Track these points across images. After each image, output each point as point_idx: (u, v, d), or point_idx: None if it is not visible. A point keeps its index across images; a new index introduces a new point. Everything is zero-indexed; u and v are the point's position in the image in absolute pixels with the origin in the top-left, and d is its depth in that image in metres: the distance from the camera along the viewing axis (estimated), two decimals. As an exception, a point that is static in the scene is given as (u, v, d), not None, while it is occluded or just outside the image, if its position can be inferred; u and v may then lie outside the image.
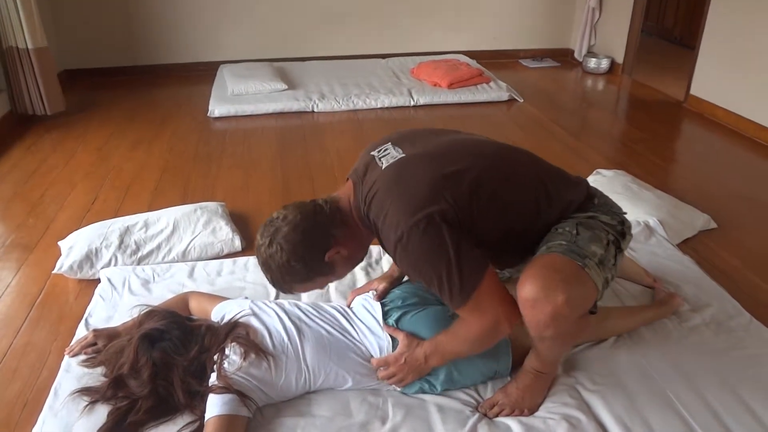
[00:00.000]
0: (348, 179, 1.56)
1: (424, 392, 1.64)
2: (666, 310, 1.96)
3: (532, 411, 1.58)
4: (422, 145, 1.51)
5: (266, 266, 1.46)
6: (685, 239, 2.55)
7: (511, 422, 1.55)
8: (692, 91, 4.43)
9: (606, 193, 2.54)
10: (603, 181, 2.88)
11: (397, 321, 1.64)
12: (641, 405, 1.59)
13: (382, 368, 1.59)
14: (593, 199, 1.57)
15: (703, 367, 1.73)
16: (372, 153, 1.53)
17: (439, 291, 1.38)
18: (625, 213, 1.61)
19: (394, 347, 1.59)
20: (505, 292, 1.41)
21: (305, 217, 1.44)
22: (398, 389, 1.64)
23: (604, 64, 5.40)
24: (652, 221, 2.54)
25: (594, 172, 3.03)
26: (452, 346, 1.51)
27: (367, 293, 1.78)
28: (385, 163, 1.46)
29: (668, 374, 1.70)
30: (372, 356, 1.61)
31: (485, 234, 1.43)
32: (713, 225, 2.66)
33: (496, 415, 1.57)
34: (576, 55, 5.77)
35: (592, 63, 5.44)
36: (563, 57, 5.96)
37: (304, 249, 1.42)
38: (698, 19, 4.41)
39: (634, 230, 2.45)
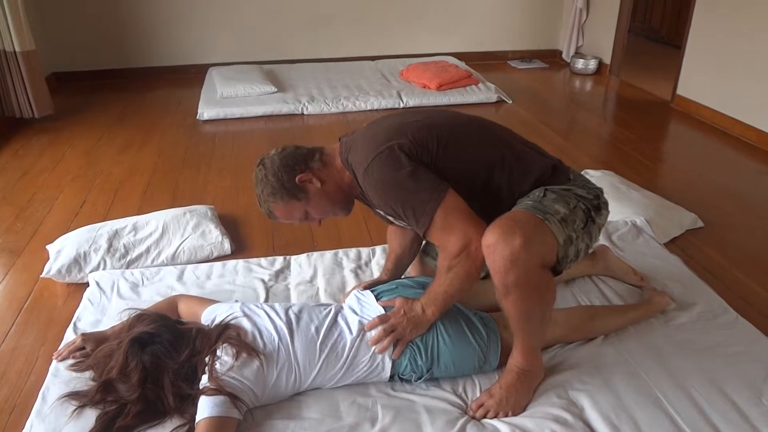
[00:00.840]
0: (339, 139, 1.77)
1: (413, 373, 1.64)
2: (654, 309, 1.97)
3: (516, 412, 1.58)
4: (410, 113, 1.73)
5: (255, 183, 1.69)
6: (673, 238, 2.58)
7: (498, 423, 1.55)
8: (679, 91, 4.47)
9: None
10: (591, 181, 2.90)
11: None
12: (628, 404, 1.60)
13: (379, 327, 1.60)
14: (568, 174, 1.66)
15: (690, 365, 1.74)
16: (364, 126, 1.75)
17: (405, 217, 1.53)
18: (602, 191, 1.68)
19: None
20: (472, 214, 1.51)
21: (288, 147, 1.70)
22: (389, 358, 1.62)
23: (592, 64, 5.43)
24: (640, 221, 2.56)
25: (582, 172, 3.05)
26: (441, 286, 1.56)
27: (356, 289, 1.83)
28: (373, 127, 1.69)
29: (655, 372, 1.71)
30: (362, 353, 1.62)
31: (444, 174, 1.54)
32: (700, 224, 2.69)
33: (483, 417, 1.58)
34: (564, 56, 5.81)
35: (579, 64, 5.48)
36: (551, 58, 5.99)
37: (281, 167, 1.64)
38: (684, 19, 4.45)
39: (622, 230, 2.48)
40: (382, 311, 1.66)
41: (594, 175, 2.97)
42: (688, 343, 1.84)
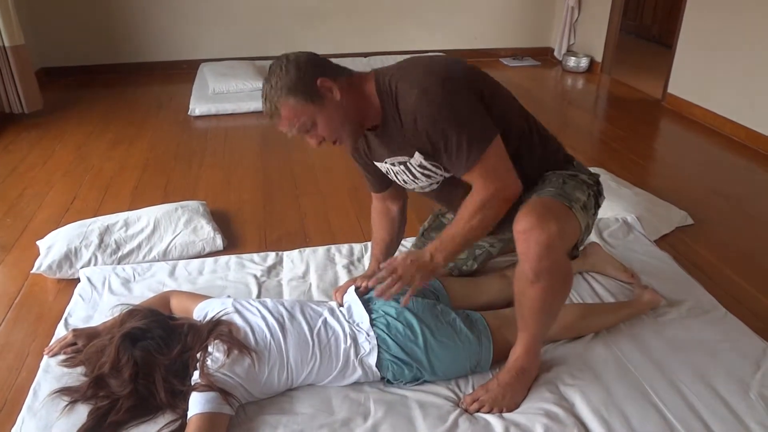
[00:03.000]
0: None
1: (395, 380, 1.65)
2: (644, 306, 1.98)
3: (510, 409, 1.59)
4: None
5: (269, 72, 1.51)
6: (663, 235, 2.59)
7: (490, 417, 1.56)
8: (670, 90, 4.50)
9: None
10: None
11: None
12: (619, 398, 1.61)
13: (383, 270, 1.53)
14: (572, 161, 1.73)
15: (679, 360, 1.76)
16: None
17: (454, 146, 1.46)
18: (598, 175, 1.76)
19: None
20: (510, 162, 1.52)
21: (321, 56, 1.56)
22: (374, 361, 1.61)
23: (584, 62, 5.45)
24: (630, 218, 2.58)
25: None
26: (462, 229, 1.52)
27: (350, 289, 1.80)
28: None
29: (645, 368, 1.73)
30: (357, 353, 1.62)
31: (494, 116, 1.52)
32: (690, 221, 2.71)
33: (476, 411, 1.58)
34: (556, 53, 5.83)
35: (571, 62, 5.50)
36: (543, 56, 6.01)
37: (307, 62, 1.50)
38: (676, 17, 4.48)
39: (613, 227, 2.50)
40: (369, 322, 1.65)
41: (585, 173, 2.98)
42: (678, 339, 1.85)
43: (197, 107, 4.22)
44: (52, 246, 2.29)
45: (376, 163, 1.73)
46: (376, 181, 1.83)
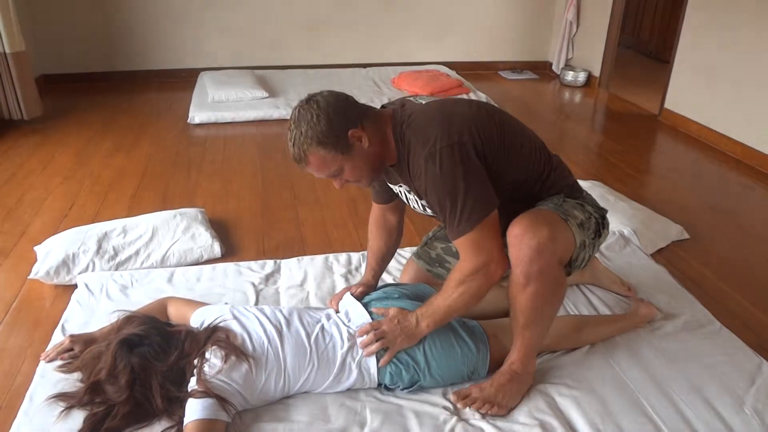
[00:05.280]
0: (383, 107, 1.68)
1: (398, 385, 1.65)
2: (640, 319, 1.99)
3: (502, 410, 1.60)
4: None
5: (296, 122, 1.52)
6: (659, 249, 2.61)
7: (486, 426, 1.57)
8: (667, 105, 4.53)
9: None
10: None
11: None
12: (614, 410, 1.62)
13: (372, 332, 1.61)
14: (582, 192, 1.77)
15: (674, 373, 1.77)
16: (407, 97, 1.70)
17: (449, 214, 1.49)
18: (607, 212, 1.79)
19: None
20: (500, 236, 1.54)
21: (342, 94, 1.57)
22: (375, 367, 1.63)
23: (581, 77, 5.49)
24: (627, 231, 2.60)
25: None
26: (443, 300, 1.56)
27: (346, 295, 1.82)
28: (424, 101, 1.64)
29: (640, 380, 1.74)
30: (354, 356, 1.63)
31: (496, 179, 1.54)
32: (686, 235, 2.72)
33: (467, 406, 1.60)
34: (554, 67, 5.87)
35: (569, 76, 5.54)
36: (541, 69, 6.05)
37: (335, 112, 1.50)
38: (673, 33, 4.52)
39: (610, 240, 2.52)
40: (370, 319, 1.67)
41: (583, 186, 2.99)
42: (673, 352, 1.86)
43: (197, 115, 4.23)
44: (49, 252, 2.29)
45: (390, 184, 1.76)
46: (382, 193, 1.84)
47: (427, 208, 1.66)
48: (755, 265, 2.56)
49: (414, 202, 1.70)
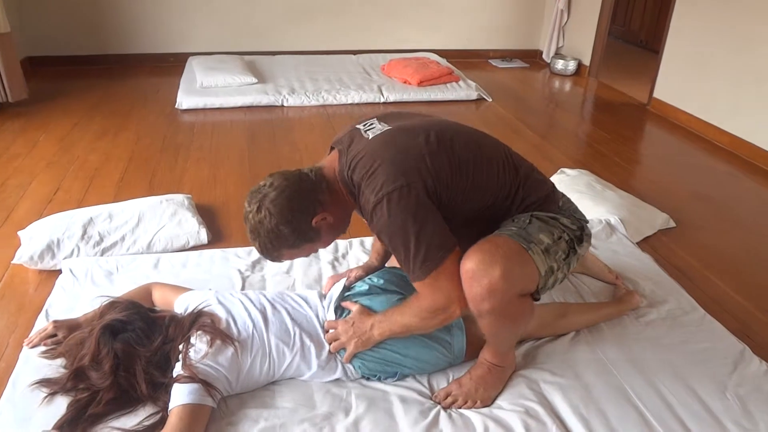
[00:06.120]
0: (332, 148, 1.60)
1: (374, 377, 1.66)
2: (626, 307, 2.01)
3: (485, 403, 1.60)
4: (407, 121, 1.57)
5: (255, 233, 1.48)
6: (645, 237, 2.62)
7: (470, 413, 1.58)
8: (656, 95, 4.54)
9: (569, 191, 2.61)
10: (567, 179, 2.94)
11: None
12: (598, 397, 1.64)
13: (331, 330, 1.62)
14: (558, 202, 1.63)
15: (658, 360, 1.79)
16: (357, 126, 1.58)
17: (404, 260, 1.42)
18: (588, 222, 1.66)
19: None
20: (459, 279, 1.42)
21: (291, 183, 1.48)
22: (340, 359, 1.64)
23: (571, 65, 5.49)
24: (614, 219, 2.61)
25: (558, 171, 3.09)
26: (401, 317, 1.52)
27: (340, 281, 1.80)
28: (371, 135, 1.52)
29: (624, 367, 1.75)
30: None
31: (456, 210, 1.48)
32: (672, 224, 2.74)
33: (449, 406, 1.60)
34: (544, 56, 5.86)
35: (559, 64, 5.53)
36: (532, 58, 6.04)
37: (291, 213, 1.45)
38: (663, 23, 4.53)
39: (596, 228, 2.52)
40: (333, 315, 1.66)
41: (570, 174, 3.01)
42: (657, 339, 1.88)
43: (184, 100, 4.19)
44: (34, 237, 2.27)
45: None
46: None
47: None
48: (740, 253, 2.58)
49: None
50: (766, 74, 3.57)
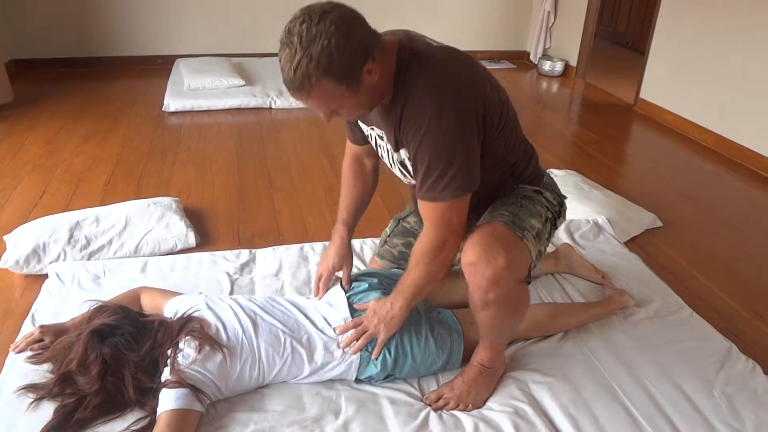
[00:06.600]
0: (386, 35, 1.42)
1: (369, 380, 1.66)
2: (614, 307, 2.02)
3: (476, 406, 1.61)
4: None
5: (304, 46, 1.21)
6: (632, 237, 2.64)
7: (460, 414, 1.58)
8: (642, 95, 4.57)
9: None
10: (555, 180, 2.95)
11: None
12: (587, 396, 1.64)
13: (350, 331, 1.61)
14: (543, 177, 1.70)
15: (646, 359, 1.80)
16: (410, 30, 1.48)
17: (435, 177, 1.37)
18: (566, 198, 1.74)
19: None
20: (465, 218, 1.46)
21: (356, 14, 1.30)
22: (354, 359, 1.63)
23: (558, 67, 5.52)
24: (601, 219, 2.62)
25: (546, 171, 3.09)
26: (408, 277, 1.53)
27: (335, 287, 1.79)
28: (434, 42, 1.45)
29: (613, 366, 1.76)
30: (330, 347, 1.62)
31: (484, 157, 1.45)
32: (659, 224, 2.76)
33: (441, 408, 1.60)
34: (531, 57, 5.89)
35: (546, 66, 5.56)
36: (519, 59, 6.07)
37: (353, 40, 1.24)
38: (648, 25, 4.56)
39: (584, 228, 2.54)
40: (349, 316, 1.66)
41: (558, 175, 3.02)
42: (645, 339, 1.89)
43: (172, 103, 4.17)
44: (19, 241, 2.25)
45: (362, 124, 1.63)
46: (356, 134, 1.72)
47: (397, 163, 1.55)
48: (726, 252, 2.60)
49: (384, 150, 1.57)
50: (750, 74, 3.61)
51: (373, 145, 1.64)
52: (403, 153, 1.48)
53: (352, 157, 1.81)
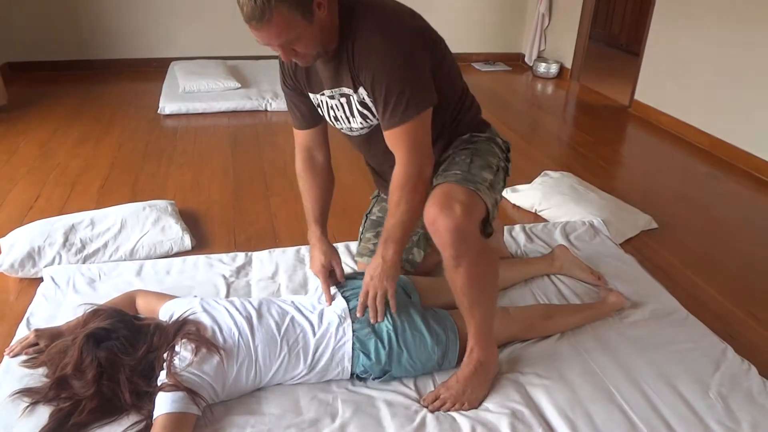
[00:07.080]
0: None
1: (364, 373, 1.66)
2: (609, 308, 2.02)
3: (473, 405, 1.61)
4: None
5: None
6: (628, 239, 2.65)
7: (457, 416, 1.58)
8: (637, 97, 4.59)
9: (552, 193, 2.64)
10: (550, 182, 2.96)
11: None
12: (583, 398, 1.64)
13: (361, 297, 1.65)
14: (489, 126, 1.80)
15: (642, 360, 1.80)
16: None
17: (396, 99, 1.46)
18: (509, 144, 1.85)
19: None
20: (430, 137, 1.56)
21: None
22: (347, 352, 1.63)
23: (554, 68, 5.53)
24: (597, 221, 2.63)
25: (542, 173, 3.11)
26: (391, 218, 1.57)
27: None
28: None
29: (609, 368, 1.76)
30: (322, 349, 1.62)
31: (437, 92, 1.54)
32: (654, 225, 2.77)
33: (438, 409, 1.60)
34: (526, 59, 5.91)
35: (541, 68, 5.58)
36: (514, 61, 6.09)
37: None
38: (643, 27, 4.58)
39: (579, 230, 2.55)
40: (346, 307, 1.67)
41: (553, 176, 3.03)
42: (641, 340, 1.90)
43: (167, 106, 4.17)
44: (14, 244, 2.24)
45: (310, 94, 1.68)
46: (304, 114, 1.78)
47: (357, 113, 1.61)
48: (721, 253, 2.61)
49: (339, 109, 1.64)
50: (744, 76, 3.63)
51: (326, 114, 1.71)
52: (362, 92, 1.55)
53: (304, 153, 1.86)
